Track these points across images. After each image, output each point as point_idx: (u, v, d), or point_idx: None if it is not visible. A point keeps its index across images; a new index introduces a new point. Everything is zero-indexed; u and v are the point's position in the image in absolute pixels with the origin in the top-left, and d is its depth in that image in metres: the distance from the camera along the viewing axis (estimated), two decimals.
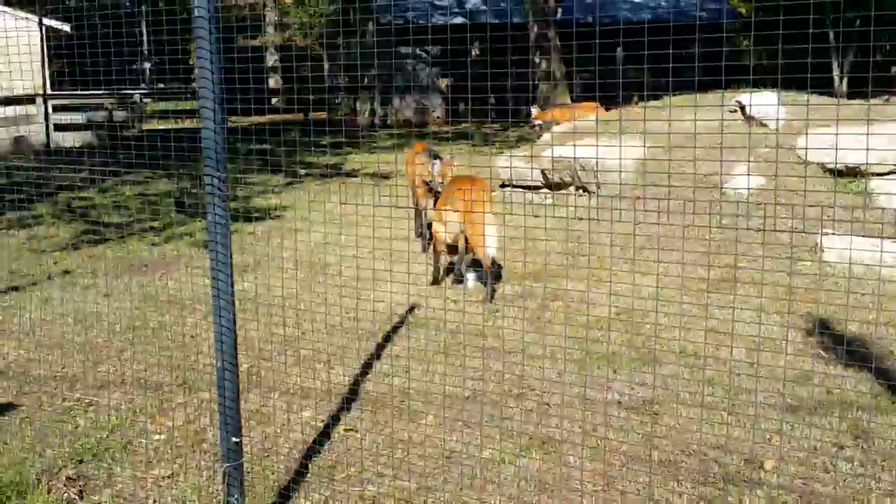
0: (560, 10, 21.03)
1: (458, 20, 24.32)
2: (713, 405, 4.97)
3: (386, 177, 14.22)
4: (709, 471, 4.21)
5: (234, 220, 11.18)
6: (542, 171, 11.04)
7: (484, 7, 25.07)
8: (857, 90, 17.45)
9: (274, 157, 12.23)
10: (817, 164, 9.37)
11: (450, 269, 8.17)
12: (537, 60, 19.64)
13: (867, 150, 8.01)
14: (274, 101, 29.30)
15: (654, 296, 6.69)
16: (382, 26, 22.84)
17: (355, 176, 14.88)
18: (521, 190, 11.22)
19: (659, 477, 4.16)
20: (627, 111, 11.33)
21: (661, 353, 5.89)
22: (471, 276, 7.92)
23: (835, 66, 19.32)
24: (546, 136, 12.96)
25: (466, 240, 7.80)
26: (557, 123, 16.69)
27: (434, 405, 5.09)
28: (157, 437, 4.83)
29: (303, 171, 15.51)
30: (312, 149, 18.12)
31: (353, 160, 17.03)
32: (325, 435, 4.73)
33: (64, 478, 4.32)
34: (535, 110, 16.96)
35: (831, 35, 17.61)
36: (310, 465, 4.40)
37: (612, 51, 23.49)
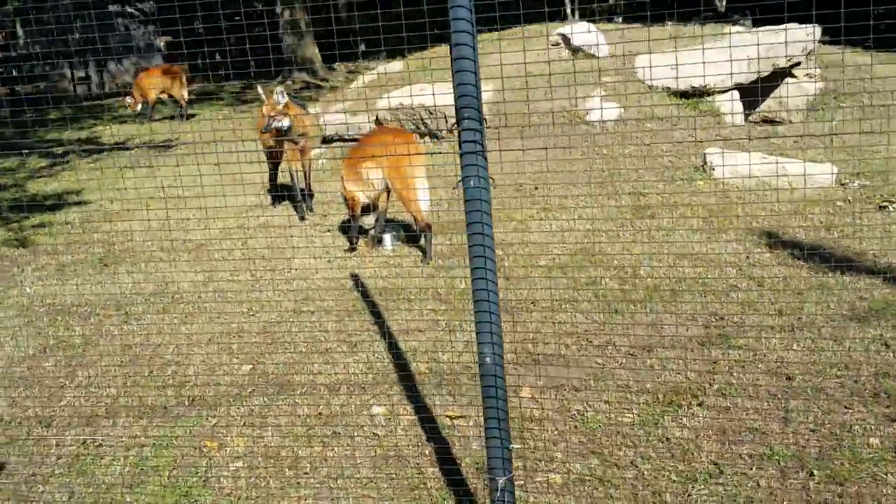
0: None
1: None
2: (778, 328, 4.93)
3: (167, 146, 12.91)
4: (861, 389, 4.16)
5: (30, 210, 9.66)
6: (378, 120, 10.50)
7: None
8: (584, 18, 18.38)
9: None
10: (662, 88, 9.68)
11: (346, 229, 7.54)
12: (279, 10, 18.64)
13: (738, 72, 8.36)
14: None
15: (588, 230, 6.64)
16: None
17: (128, 148, 13.36)
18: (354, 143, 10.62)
19: (824, 403, 4.05)
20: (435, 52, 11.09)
21: (660, 286, 5.78)
22: (387, 237, 7.34)
23: None
24: (357, 83, 12.33)
25: (388, 198, 7.23)
26: (147, 102, 15.62)
27: (512, 374, 4.63)
28: (231, 466, 3.98)
29: (59, 150, 13.66)
30: (49, 125, 16.13)
31: (104, 132, 15.28)
32: (432, 427, 4.13)
33: None
34: (129, 99, 15.71)
35: None
36: (462, 460, 3.82)
37: None
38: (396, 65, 12.31)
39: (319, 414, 4.38)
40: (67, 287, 6.79)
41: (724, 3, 20.31)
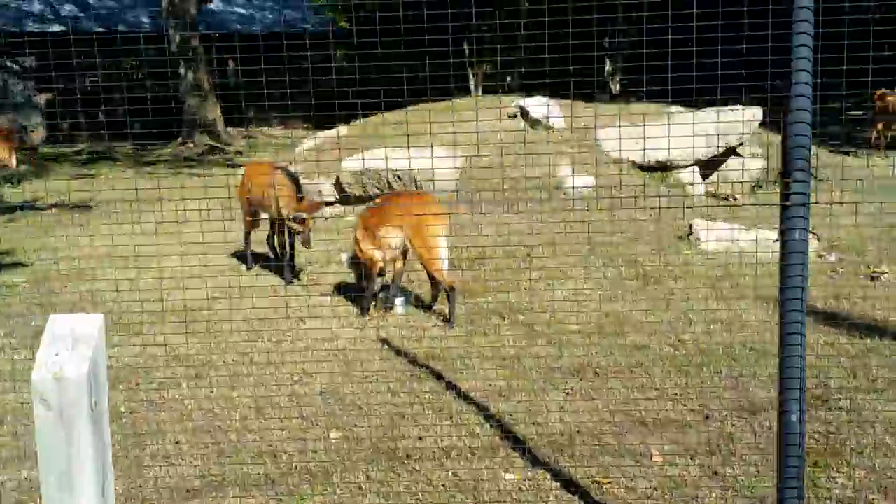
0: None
1: (57, 28, 21.53)
2: (864, 389, 5.05)
3: (87, 206, 12.17)
4: None
5: None
6: (338, 184, 10.29)
7: (83, 13, 22.52)
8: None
9: None
10: (626, 160, 9.96)
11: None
12: (182, 72, 18.12)
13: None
14: None
15: (603, 295, 6.75)
16: None
17: (44, 209, 12.51)
18: None
19: None
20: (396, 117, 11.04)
21: (712, 350, 5.83)
22: (399, 301, 7.13)
23: (470, 74, 20.64)
24: (302, 147, 12.04)
25: (404, 259, 7.05)
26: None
27: (629, 435, 4.54)
28: None
29: None
30: None
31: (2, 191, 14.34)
32: (583, 493, 3.98)
33: None
34: None
35: (466, 49, 18.57)
36: None
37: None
38: (342, 129, 12.15)
39: (453, 483, 4.14)
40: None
41: (618, 86, 21.26)
